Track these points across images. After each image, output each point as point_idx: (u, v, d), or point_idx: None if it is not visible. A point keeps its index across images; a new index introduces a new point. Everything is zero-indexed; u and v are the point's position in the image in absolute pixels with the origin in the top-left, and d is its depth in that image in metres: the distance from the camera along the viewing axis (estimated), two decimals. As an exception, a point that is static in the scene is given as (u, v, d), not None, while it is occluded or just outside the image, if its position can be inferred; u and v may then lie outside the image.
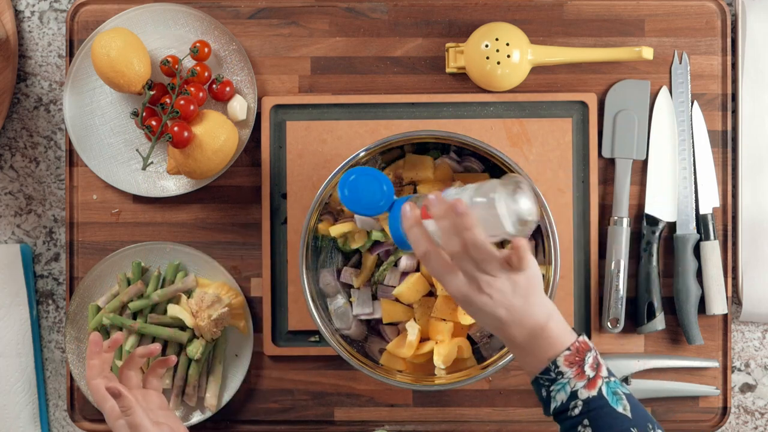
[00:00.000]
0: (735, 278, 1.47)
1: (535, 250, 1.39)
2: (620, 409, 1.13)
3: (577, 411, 1.13)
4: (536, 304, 1.15)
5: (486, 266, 1.13)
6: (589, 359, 1.15)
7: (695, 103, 1.47)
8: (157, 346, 1.34)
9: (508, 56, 1.43)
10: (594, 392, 1.13)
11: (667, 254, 1.47)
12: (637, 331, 1.45)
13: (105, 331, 1.45)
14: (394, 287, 1.38)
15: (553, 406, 1.15)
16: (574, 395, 1.13)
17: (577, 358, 1.14)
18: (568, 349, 1.14)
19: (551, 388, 1.15)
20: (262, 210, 1.46)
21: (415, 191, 1.40)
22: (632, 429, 1.12)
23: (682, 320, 1.44)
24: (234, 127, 1.44)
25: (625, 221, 1.44)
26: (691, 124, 1.46)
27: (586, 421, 1.13)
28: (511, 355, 1.34)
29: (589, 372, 1.14)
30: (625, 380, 1.44)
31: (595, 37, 1.47)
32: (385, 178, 1.27)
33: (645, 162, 1.47)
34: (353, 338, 1.41)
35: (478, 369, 1.37)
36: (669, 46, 1.47)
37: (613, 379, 1.15)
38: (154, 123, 1.41)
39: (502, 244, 1.36)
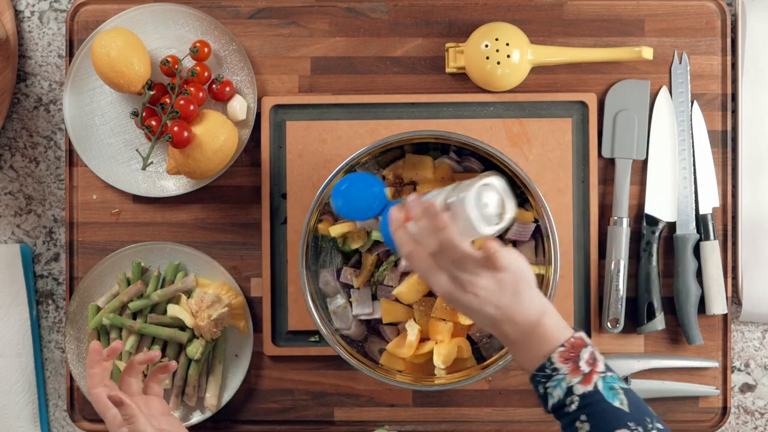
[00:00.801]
0: (735, 278, 1.47)
1: (535, 249, 1.39)
2: (617, 404, 1.13)
3: (574, 406, 1.13)
4: (527, 301, 1.16)
5: (464, 265, 1.14)
6: (585, 355, 1.15)
7: (695, 103, 1.47)
8: (156, 353, 1.34)
9: (508, 56, 1.43)
10: (590, 387, 1.13)
11: (667, 254, 1.47)
12: (637, 331, 1.45)
13: (105, 332, 1.45)
14: (394, 287, 1.38)
15: (551, 402, 1.15)
16: (570, 391, 1.14)
17: (572, 354, 1.14)
18: (563, 345, 1.15)
19: (547, 385, 1.15)
20: (262, 210, 1.46)
21: (415, 191, 1.40)
22: (630, 423, 1.12)
23: (682, 320, 1.44)
24: (234, 127, 1.44)
25: (625, 221, 1.44)
26: (691, 124, 1.46)
27: (583, 417, 1.13)
28: (511, 356, 1.34)
29: (584, 367, 1.14)
30: (625, 380, 1.44)
31: (595, 37, 1.47)
32: (377, 182, 1.28)
33: (645, 162, 1.47)
34: (353, 338, 1.41)
35: (477, 369, 1.37)
36: (669, 46, 1.47)
37: (610, 374, 1.15)
38: (154, 123, 1.41)
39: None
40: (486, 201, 1.14)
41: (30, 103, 1.51)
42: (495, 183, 1.15)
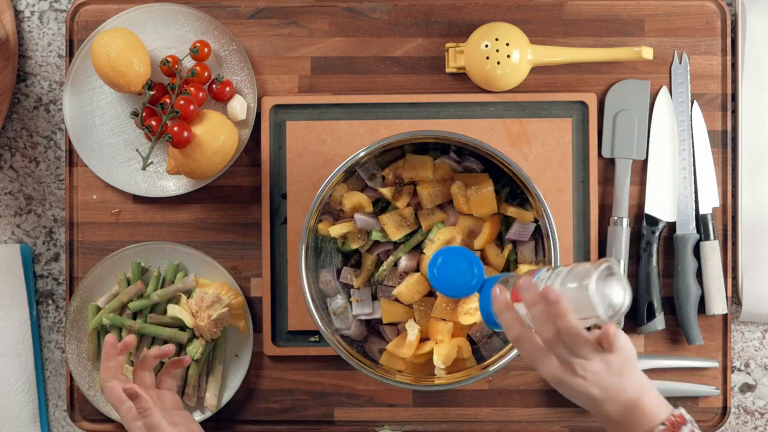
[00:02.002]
0: (735, 278, 1.47)
1: (535, 249, 1.39)
2: None
3: None
4: (629, 380, 1.14)
5: (579, 350, 1.12)
6: None
7: (695, 103, 1.47)
8: (171, 347, 1.35)
9: (508, 56, 1.43)
10: None
11: (667, 254, 1.47)
12: (637, 331, 1.45)
13: (105, 332, 1.45)
14: (394, 287, 1.38)
15: None
16: None
17: None
18: (663, 423, 1.13)
19: None
20: (262, 210, 1.46)
21: (415, 192, 1.40)
22: None
23: (682, 320, 1.44)
24: (234, 127, 1.44)
25: (625, 221, 1.44)
26: (691, 124, 1.46)
27: None
28: (511, 355, 1.34)
29: None
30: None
31: (595, 37, 1.47)
32: (475, 258, 1.25)
33: (645, 162, 1.47)
34: (353, 338, 1.41)
35: (478, 369, 1.37)
36: (669, 46, 1.47)
37: None
38: (154, 123, 1.41)
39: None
40: (609, 288, 1.10)
41: (30, 103, 1.51)
42: (616, 268, 1.11)
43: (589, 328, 1.13)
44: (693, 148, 1.46)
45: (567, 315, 1.10)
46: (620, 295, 1.11)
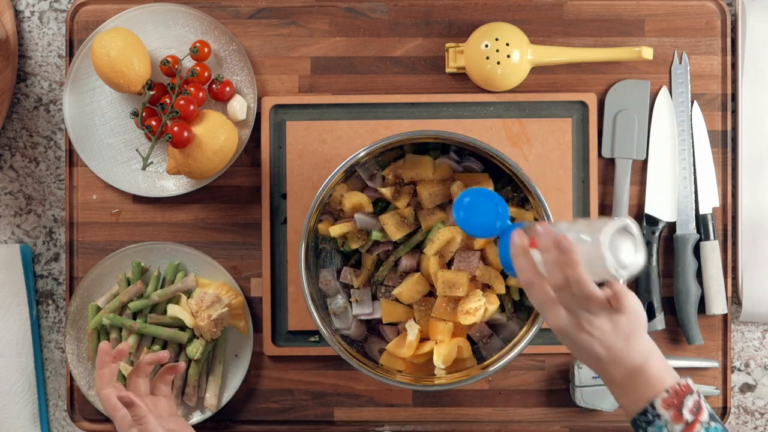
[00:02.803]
0: (735, 278, 1.47)
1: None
2: None
3: None
4: (636, 344, 1.14)
5: (587, 304, 1.12)
6: (689, 402, 1.13)
7: (695, 103, 1.47)
8: (165, 353, 1.35)
9: (508, 56, 1.43)
10: None
11: (667, 254, 1.47)
12: (637, 331, 1.45)
13: (105, 332, 1.45)
14: (394, 287, 1.38)
15: None
16: None
17: (675, 401, 1.12)
18: (667, 391, 1.13)
19: (648, 429, 1.13)
20: (262, 210, 1.46)
21: (415, 192, 1.40)
22: None
23: (682, 320, 1.44)
24: (234, 127, 1.44)
25: (625, 221, 1.44)
26: (691, 124, 1.46)
27: None
28: (511, 355, 1.34)
29: (687, 416, 1.12)
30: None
31: (595, 37, 1.47)
32: (501, 200, 1.26)
33: (645, 162, 1.47)
34: (353, 338, 1.41)
35: (478, 369, 1.37)
36: (669, 46, 1.47)
37: (714, 424, 1.13)
38: (154, 123, 1.41)
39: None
40: (622, 245, 1.11)
41: (30, 103, 1.51)
42: (632, 227, 1.12)
43: (601, 286, 1.13)
44: (693, 148, 1.46)
45: (577, 265, 1.11)
46: (631, 252, 1.11)
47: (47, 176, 1.50)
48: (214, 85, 1.45)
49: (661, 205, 1.45)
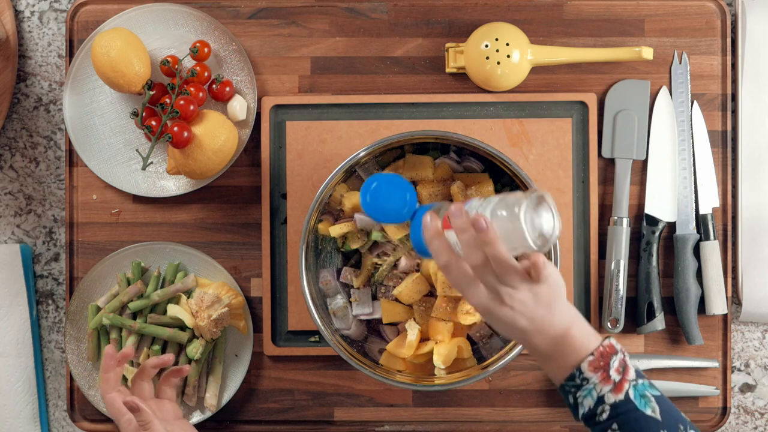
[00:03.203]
0: (735, 278, 1.47)
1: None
2: (649, 412, 1.12)
3: (605, 416, 1.12)
4: (558, 312, 1.14)
5: (507, 279, 1.12)
6: (615, 363, 1.13)
7: (695, 103, 1.47)
8: (170, 356, 1.35)
9: (508, 56, 1.43)
10: (621, 396, 1.12)
11: (667, 254, 1.47)
12: (637, 331, 1.45)
13: (105, 332, 1.45)
14: (394, 287, 1.38)
15: (581, 411, 1.14)
16: (601, 400, 1.12)
17: (601, 363, 1.13)
18: (592, 354, 1.13)
19: (578, 394, 1.14)
20: (262, 210, 1.46)
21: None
22: (662, 431, 1.11)
23: (682, 320, 1.44)
24: (234, 127, 1.44)
25: (625, 221, 1.44)
26: (691, 124, 1.46)
27: (615, 425, 1.12)
28: (511, 355, 1.34)
29: (614, 376, 1.13)
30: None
31: (595, 37, 1.47)
32: (409, 186, 1.25)
33: (645, 162, 1.47)
34: (353, 338, 1.41)
35: (478, 369, 1.37)
36: (669, 46, 1.47)
37: (641, 381, 1.13)
38: (154, 123, 1.41)
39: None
40: (539, 218, 1.11)
41: (30, 103, 1.51)
42: (547, 197, 1.12)
43: (518, 259, 1.13)
44: (693, 148, 1.46)
45: (495, 242, 1.10)
46: (550, 223, 1.11)
47: (47, 176, 1.50)
48: (214, 85, 1.45)
49: (661, 205, 1.45)
